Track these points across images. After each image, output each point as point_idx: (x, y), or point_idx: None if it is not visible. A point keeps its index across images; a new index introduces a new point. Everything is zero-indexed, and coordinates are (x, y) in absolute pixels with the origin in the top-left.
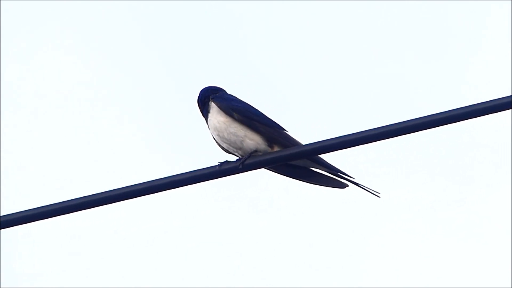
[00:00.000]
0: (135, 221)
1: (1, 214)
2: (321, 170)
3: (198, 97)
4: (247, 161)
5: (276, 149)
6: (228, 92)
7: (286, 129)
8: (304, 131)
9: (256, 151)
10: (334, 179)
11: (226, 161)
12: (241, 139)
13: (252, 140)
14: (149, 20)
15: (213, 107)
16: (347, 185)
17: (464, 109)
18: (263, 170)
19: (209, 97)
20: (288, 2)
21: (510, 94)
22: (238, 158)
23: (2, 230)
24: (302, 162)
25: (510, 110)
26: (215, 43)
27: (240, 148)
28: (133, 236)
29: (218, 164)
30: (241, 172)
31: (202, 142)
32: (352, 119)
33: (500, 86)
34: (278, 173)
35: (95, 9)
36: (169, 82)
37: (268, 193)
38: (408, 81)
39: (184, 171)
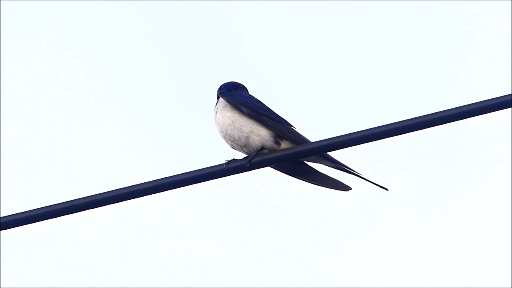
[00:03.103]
0: (142, 220)
1: (1, 215)
2: (328, 165)
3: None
4: (254, 159)
5: (283, 145)
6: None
7: (293, 126)
8: (309, 129)
9: (262, 148)
10: (339, 181)
11: (233, 159)
12: (246, 135)
13: (258, 136)
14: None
15: (221, 102)
16: (351, 188)
17: (468, 106)
18: (269, 169)
19: (218, 94)
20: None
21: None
22: (245, 156)
23: (2, 231)
24: (308, 157)
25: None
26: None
27: (245, 146)
28: (139, 235)
29: (225, 162)
30: (248, 171)
31: (209, 140)
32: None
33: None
34: (283, 172)
35: (95, 10)
36: (176, 80)
37: (273, 192)
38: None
39: (191, 170)
